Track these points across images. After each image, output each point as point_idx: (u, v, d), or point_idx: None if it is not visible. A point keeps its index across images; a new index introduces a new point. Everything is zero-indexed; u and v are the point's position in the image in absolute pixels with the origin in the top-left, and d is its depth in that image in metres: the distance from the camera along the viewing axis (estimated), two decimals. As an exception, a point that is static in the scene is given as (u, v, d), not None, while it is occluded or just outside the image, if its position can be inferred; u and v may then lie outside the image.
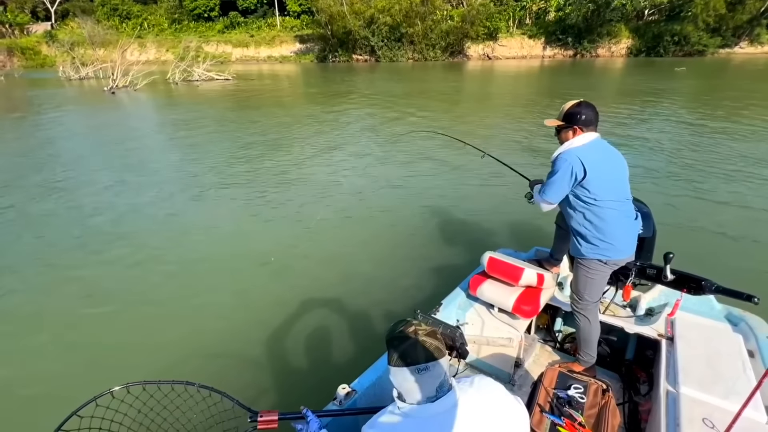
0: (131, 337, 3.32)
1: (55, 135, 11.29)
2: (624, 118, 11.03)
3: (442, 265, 4.19)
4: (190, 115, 14.31)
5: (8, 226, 5.52)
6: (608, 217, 2.02)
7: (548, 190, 2.09)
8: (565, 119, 2.06)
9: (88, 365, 3.01)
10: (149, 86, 21.41)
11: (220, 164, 8.09)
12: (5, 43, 38.96)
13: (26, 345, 3.26)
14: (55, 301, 3.83)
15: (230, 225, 5.35)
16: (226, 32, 43.56)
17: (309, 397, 2.13)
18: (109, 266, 4.40)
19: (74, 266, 4.42)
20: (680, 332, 2.11)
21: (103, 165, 8.30)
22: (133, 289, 3.98)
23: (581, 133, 2.02)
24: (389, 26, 35.04)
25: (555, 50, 36.09)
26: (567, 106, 2.07)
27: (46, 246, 4.93)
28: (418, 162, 7.75)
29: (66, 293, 3.94)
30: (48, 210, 6.02)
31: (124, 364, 3.00)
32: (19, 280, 4.21)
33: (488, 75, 25.82)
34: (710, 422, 1.59)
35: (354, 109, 14.10)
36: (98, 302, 3.78)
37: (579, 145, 2.02)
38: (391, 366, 1.12)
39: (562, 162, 2.00)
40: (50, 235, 5.23)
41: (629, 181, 2.13)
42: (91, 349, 3.19)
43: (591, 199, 2.00)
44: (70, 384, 2.80)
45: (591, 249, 2.07)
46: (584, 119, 2.01)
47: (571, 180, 1.99)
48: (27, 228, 5.44)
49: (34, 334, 3.38)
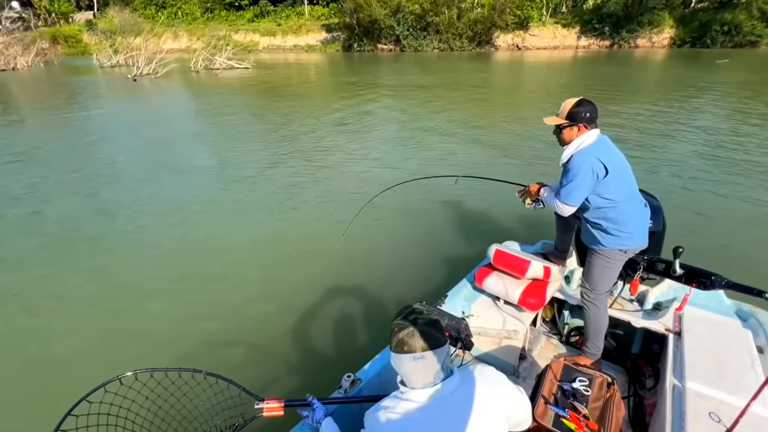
0: (140, 324, 3.34)
1: (55, 120, 11.68)
2: (648, 112, 10.32)
3: (447, 257, 4.17)
4: (200, 101, 14.49)
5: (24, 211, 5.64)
6: (626, 210, 2.03)
7: (571, 194, 2.04)
8: (568, 118, 2.03)
9: (97, 352, 3.04)
10: (170, 74, 21.94)
11: (225, 153, 8.11)
12: (50, 31, 41.15)
13: (38, 331, 3.29)
14: (65, 286, 3.87)
15: (237, 215, 5.33)
16: (255, 21, 44.02)
17: (314, 386, 2.17)
18: (119, 254, 4.44)
19: (84, 253, 4.46)
20: (688, 327, 2.10)
21: (108, 155, 8.46)
22: (143, 276, 4.02)
23: (584, 130, 2.01)
24: (415, 15, 34.22)
25: (590, 40, 34.12)
26: (569, 104, 2.05)
27: (51, 230, 5.00)
28: (424, 156, 7.57)
29: (75, 279, 3.99)
30: (52, 200, 6.15)
31: (133, 351, 3.04)
32: (29, 263, 4.27)
33: (517, 66, 24.68)
34: (716, 416, 1.58)
35: (366, 101, 13.80)
36: (108, 289, 3.81)
37: (590, 143, 2.00)
38: (391, 351, 1.15)
39: (580, 164, 1.97)
40: (55, 223, 5.30)
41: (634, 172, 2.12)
42: (101, 336, 3.22)
43: (610, 195, 1.99)
44: (79, 370, 2.85)
45: (611, 239, 2.07)
46: (588, 117, 2.00)
47: (594, 180, 1.97)
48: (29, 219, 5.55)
49: (46, 320, 3.41)
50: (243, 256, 4.33)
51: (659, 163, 6.81)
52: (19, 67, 27.59)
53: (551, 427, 1.60)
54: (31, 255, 4.48)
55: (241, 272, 4.04)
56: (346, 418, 1.57)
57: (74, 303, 3.64)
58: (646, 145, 7.77)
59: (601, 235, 2.10)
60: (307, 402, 1.48)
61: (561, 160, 2.11)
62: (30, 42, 31.79)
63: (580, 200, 2.05)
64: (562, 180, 2.10)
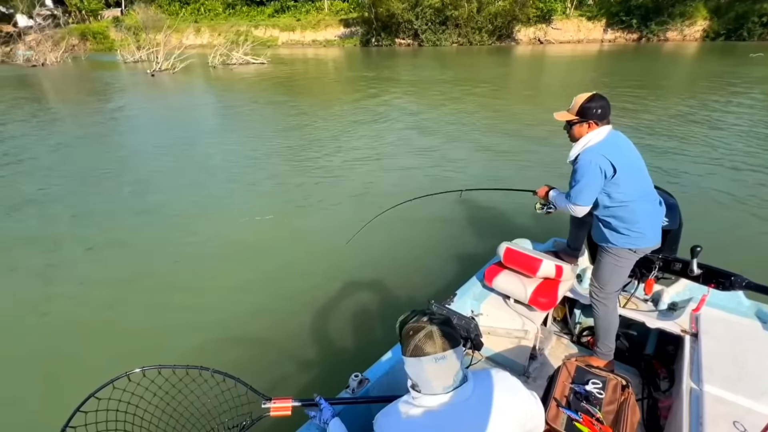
0: (148, 321, 3.37)
1: (65, 114, 11.98)
2: (673, 107, 9.81)
3: (457, 255, 4.12)
4: (212, 96, 14.64)
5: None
6: (638, 209, 1.97)
7: (580, 194, 1.98)
8: (579, 114, 1.97)
9: (106, 348, 3.06)
10: (188, 69, 22.34)
11: (232, 149, 8.15)
12: (79, 28, 42.64)
13: (48, 326, 3.34)
14: (76, 277, 3.94)
15: (248, 212, 5.33)
16: (275, 16, 44.30)
17: (322, 385, 2.16)
18: (128, 250, 4.46)
19: (94, 247, 4.53)
20: (705, 328, 2.05)
21: (114, 147, 8.61)
22: (151, 272, 4.03)
23: (595, 127, 1.95)
24: (434, 9, 33.65)
25: (616, 33, 32.73)
26: (580, 99, 1.97)
27: (64, 226, 5.09)
28: (434, 152, 7.49)
29: (86, 271, 4.06)
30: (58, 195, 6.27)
31: (141, 348, 3.06)
32: (44, 258, 4.33)
33: (539, 61, 23.88)
34: (737, 423, 1.55)
35: (379, 98, 13.63)
36: (116, 286, 3.83)
37: (598, 140, 1.94)
38: (406, 357, 1.10)
39: (587, 163, 1.91)
40: (66, 219, 5.40)
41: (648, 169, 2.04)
42: (109, 333, 3.24)
43: (620, 194, 1.94)
44: (88, 366, 2.88)
45: (621, 238, 2.02)
46: (600, 113, 1.93)
47: (602, 180, 1.92)
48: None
49: (55, 316, 3.45)
50: (252, 253, 4.31)
51: (680, 160, 6.56)
52: (48, 63, 28.63)
53: (563, 431, 1.56)
54: (39, 245, 4.58)
55: (251, 270, 4.02)
56: (354, 419, 1.55)
57: (85, 295, 3.70)
58: (666, 140, 7.48)
59: (610, 233, 2.04)
60: (315, 402, 1.47)
61: (569, 158, 2.05)
62: (60, 38, 32.96)
63: (591, 200, 2.00)
64: (571, 180, 2.03)
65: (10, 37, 33.09)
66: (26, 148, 8.51)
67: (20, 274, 4.12)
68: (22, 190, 6.22)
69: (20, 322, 3.41)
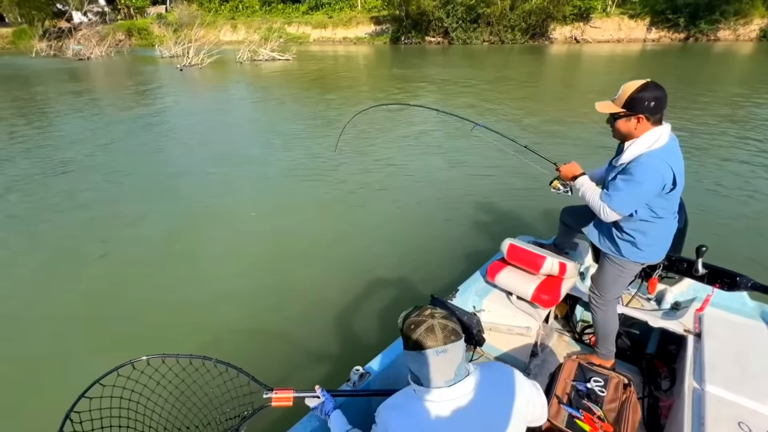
0: (153, 311, 3.43)
1: (80, 108, 12.54)
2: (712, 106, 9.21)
3: (460, 250, 4.11)
4: (234, 91, 14.93)
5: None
6: (666, 227, 1.85)
7: (626, 202, 1.70)
8: (627, 106, 1.64)
9: (112, 337, 3.14)
10: (215, 64, 22.99)
11: (246, 143, 8.28)
12: (126, 24, 45.02)
13: (55, 315, 3.44)
14: (83, 272, 4.03)
15: (257, 204, 5.44)
16: (309, 13, 44.89)
17: (322, 378, 2.16)
18: (137, 241, 4.54)
19: (104, 238, 4.64)
20: (709, 328, 2.04)
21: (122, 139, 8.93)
22: (159, 264, 4.12)
23: (648, 124, 1.63)
24: (466, 6, 32.88)
25: (661, 32, 30.74)
26: (630, 88, 1.63)
27: (72, 218, 5.24)
28: (439, 146, 7.43)
29: (94, 259, 4.18)
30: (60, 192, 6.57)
31: (146, 337, 3.13)
32: (50, 250, 4.46)
33: (575, 61, 22.77)
34: (739, 422, 1.54)
35: (397, 96, 13.44)
36: (124, 275, 3.92)
37: (662, 145, 1.64)
38: (408, 351, 1.11)
39: (650, 169, 1.62)
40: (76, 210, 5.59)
41: None
42: (115, 321, 3.31)
43: (663, 210, 1.75)
44: (93, 353, 2.95)
45: (635, 253, 1.89)
46: (653, 106, 1.60)
47: (659, 192, 1.67)
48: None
49: (63, 304, 3.54)
50: (257, 246, 4.34)
51: (686, 157, 6.02)
52: (93, 57, 30.35)
53: (564, 428, 1.55)
54: (53, 234, 4.74)
55: (257, 262, 4.06)
56: (355, 412, 1.56)
57: (92, 283, 3.79)
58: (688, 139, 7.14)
59: (626, 246, 1.90)
60: (317, 394, 1.48)
61: (620, 159, 1.72)
62: (106, 34, 34.90)
63: (632, 210, 1.75)
64: (617, 182, 1.71)
65: (62, 33, 35.35)
66: (60, 126, 8.99)
67: (32, 257, 4.29)
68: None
69: (32, 309, 3.49)
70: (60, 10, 44.98)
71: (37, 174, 6.65)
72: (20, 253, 4.40)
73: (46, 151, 7.90)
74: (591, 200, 1.85)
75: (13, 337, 3.19)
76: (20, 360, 2.96)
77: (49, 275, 3.99)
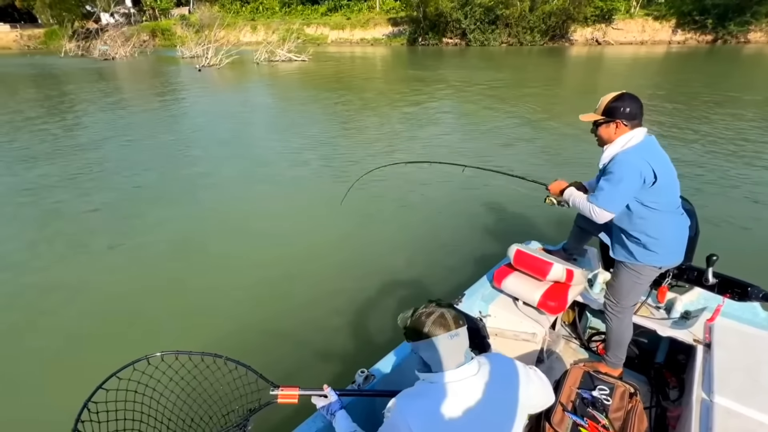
0: (169, 306, 3.51)
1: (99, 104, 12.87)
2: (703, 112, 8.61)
3: (466, 255, 4.09)
4: (248, 91, 15.12)
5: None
6: (669, 223, 1.87)
7: (612, 200, 1.81)
8: (605, 113, 1.84)
9: (127, 332, 3.24)
10: (233, 65, 23.39)
11: (257, 141, 8.38)
12: (150, 25, 46.34)
13: (75, 310, 3.52)
14: (101, 268, 4.11)
15: (270, 204, 5.45)
16: (327, 15, 45.29)
17: (328, 378, 2.17)
18: (152, 240, 4.61)
19: (120, 236, 4.71)
20: (719, 339, 2.00)
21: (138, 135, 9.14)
22: (173, 262, 4.18)
23: (625, 128, 1.81)
24: (484, 8, 32.60)
25: (687, 34, 29.85)
26: (607, 98, 1.85)
27: (83, 213, 5.33)
28: (448, 152, 7.32)
29: (110, 262, 4.24)
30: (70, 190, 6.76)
31: (159, 333, 3.22)
32: (63, 246, 4.56)
33: (597, 63, 22.30)
34: None
35: (407, 100, 13.39)
36: (138, 272, 3.99)
37: (637, 142, 1.79)
38: (420, 341, 1.17)
39: (626, 165, 1.75)
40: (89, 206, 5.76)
41: None
42: (131, 317, 3.39)
43: (655, 205, 1.81)
44: (110, 348, 3.03)
45: (648, 255, 1.91)
46: (628, 112, 1.79)
47: (640, 186, 1.77)
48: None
49: (81, 301, 3.62)
50: (265, 253, 4.32)
51: (700, 165, 6.18)
52: (118, 57, 31.28)
53: None
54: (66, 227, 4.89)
55: (269, 263, 4.09)
56: (358, 413, 1.58)
57: (103, 278, 3.88)
58: (688, 145, 6.91)
59: (638, 249, 1.92)
60: (324, 393, 1.51)
61: (601, 161, 1.88)
62: (131, 34, 35.93)
63: (622, 207, 1.84)
64: (601, 183, 1.85)
65: (90, 33, 36.58)
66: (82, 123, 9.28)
67: (46, 247, 4.44)
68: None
69: (48, 300, 3.59)
70: (89, 12, 46.59)
71: (54, 175, 6.85)
72: (40, 246, 4.52)
73: (67, 149, 8.14)
74: (581, 205, 1.96)
75: (39, 330, 3.29)
76: (39, 350, 3.08)
77: (63, 268, 4.09)
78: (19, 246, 4.51)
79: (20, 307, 3.54)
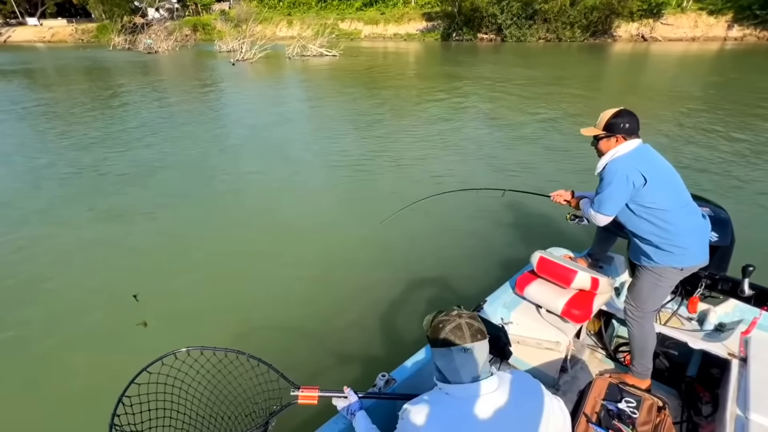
0: (193, 304, 3.60)
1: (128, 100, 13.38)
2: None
3: (489, 261, 4.09)
4: (278, 84, 15.34)
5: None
6: (677, 222, 1.90)
7: (605, 203, 1.97)
8: (606, 129, 1.97)
9: (157, 328, 3.32)
10: (266, 59, 23.83)
11: (285, 136, 8.50)
12: (192, 20, 48.05)
13: (107, 305, 3.63)
14: (129, 267, 4.23)
15: (296, 203, 5.52)
16: (362, 10, 45.28)
17: (348, 381, 2.21)
18: (179, 238, 4.70)
19: (139, 234, 4.85)
20: (755, 353, 1.95)
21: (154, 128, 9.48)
22: (202, 258, 4.27)
23: (623, 141, 1.94)
24: (521, 2, 31.51)
25: (745, 30, 27.59)
26: (607, 115, 1.98)
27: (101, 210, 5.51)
28: (469, 157, 7.26)
29: (140, 253, 4.40)
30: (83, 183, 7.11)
31: (185, 330, 3.31)
32: (82, 248, 4.65)
33: (643, 61, 20.88)
34: None
35: (432, 99, 13.17)
36: (169, 270, 4.10)
37: (627, 151, 1.93)
38: (436, 348, 1.17)
39: (614, 172, 1.90)
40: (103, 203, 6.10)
41: (684, 182, 1.99)
42: (161, 314, 3.48)
43: (654, 204, 1.89)
44: (137, 345, 3.14)
45: (665, 256, 1.94)
46: (627, 128, 1.93)
47: (629, 189, 1.89)
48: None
49: (112, 300, 3.69)
50: (294, 254, 4.35)
51: (737, 173, 5.89)
52: (160, 51, 32.66)
53: None
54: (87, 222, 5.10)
55: (300, 263, 4.13)
56: (378, 416, 1.57)
57: (142, 277, 3.96)
58: (727, 154, 6.45)
59: (652, 250, 1.96)
60: (344, 394, 1.53)
61: (596, 170, 2.04)
62: (173, 29, 37.39)
63: (615, 210, 1.97)
64: (597, 189, 2.04)
65: (136, 28, 38.38)
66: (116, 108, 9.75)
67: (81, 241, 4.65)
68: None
69: (84, 300, 3.69)
70: (137, 7, 48.88)
71: (91, 165, 7.19)
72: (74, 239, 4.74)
73: (119, 133, 8.56)
74: (585, 212, 2.14)
75: (69, 327, 3.40)
76: (75, 348, 3.20)
77: (93, 264, 4.23)
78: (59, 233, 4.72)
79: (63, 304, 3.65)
